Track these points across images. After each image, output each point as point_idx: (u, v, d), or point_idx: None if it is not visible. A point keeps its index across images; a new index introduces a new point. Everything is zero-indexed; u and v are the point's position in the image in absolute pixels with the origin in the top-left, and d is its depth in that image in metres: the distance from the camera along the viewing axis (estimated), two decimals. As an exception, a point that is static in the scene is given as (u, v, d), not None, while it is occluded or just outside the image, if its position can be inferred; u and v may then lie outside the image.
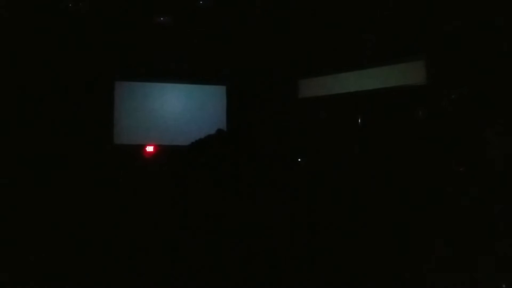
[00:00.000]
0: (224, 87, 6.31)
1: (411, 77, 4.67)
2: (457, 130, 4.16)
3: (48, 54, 5.31)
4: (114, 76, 5.90)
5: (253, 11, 5.39)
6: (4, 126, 4.92)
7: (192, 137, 4.30)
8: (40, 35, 5.21)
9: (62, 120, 5.34)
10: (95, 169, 5.14)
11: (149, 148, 5.89)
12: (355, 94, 5.19)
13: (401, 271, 2.95)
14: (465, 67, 4.14)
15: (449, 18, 4.27)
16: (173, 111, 6.13)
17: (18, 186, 4.51)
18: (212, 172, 3.65)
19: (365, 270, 3.00)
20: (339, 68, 5.39)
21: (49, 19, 5.16)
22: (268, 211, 3.49)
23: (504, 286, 2.60)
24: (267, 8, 5.36)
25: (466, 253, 2.98)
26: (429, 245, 3.20)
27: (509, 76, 3.83)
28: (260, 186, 3.66)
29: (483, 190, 3.59)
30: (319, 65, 5.60)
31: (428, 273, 2.89)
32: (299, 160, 5.46)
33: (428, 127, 4.49)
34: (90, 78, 5.60)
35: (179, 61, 6.04)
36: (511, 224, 3.19)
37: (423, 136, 4.49)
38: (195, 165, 3.83)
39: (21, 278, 2.92)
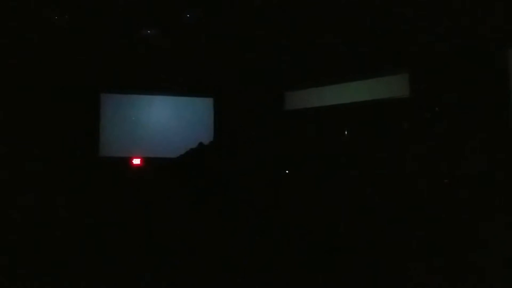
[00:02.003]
0: (211, 99, 6.32)
1: (395, 90, 4.76)
2: (440, 142, 4.24)
3: (34, 67, 5.27)
4: (99, 89, 5.87)
5: (240, 25, 5.43)
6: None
7: (179, 149, 4.29)
8: (25, 47, 5.16)
9: (47, 133, 5.28)
10: (80, 182, 5.08)
11: (136, 161, 5.85)
12: (341, 107, 5.26)
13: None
14: (448, 80, 4.24)
15: (433, 32, 4.38)
16: (160, 123, 6.11)
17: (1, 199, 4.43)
18: (194, 186, 3.65)
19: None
20: (324, 81, 5.46)
21: (34, 31, 5.12)
22: (253, 225, 3.49)
23: None
24: (254, 21, 5.41)
25: (453, 265, 3.02)
26: (414, 257, 3.24)
27: (493, 90, 3.93)
28: (246, 199, 3.66)
29: (467, 202, 3.65)
30: (305, 78, 5.66)
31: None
32: (286, 172, 5.48)
33: (411, 139, 4.56)
34: (76, 91, 5.56)
35: (166, 73, 6.03)
36: (495, 235, 3.25)
37: (407, 148, 4.55)
38: (177, 179, 3.82)
39: None
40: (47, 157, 5.13)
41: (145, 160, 5.85)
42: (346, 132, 5.27)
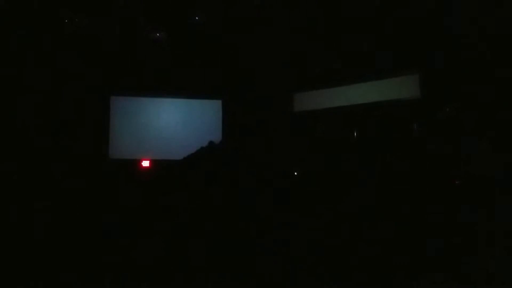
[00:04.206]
0: (220, 101, 6.33)
1: (406, 91, 4.72)
2: (452, 143, 4.20)
3: (44, 70, 5.32)
4: (109, 91, 5.91)
5: (248, 26, 5.44)
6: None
7: (188, 152, 4.29)
8: (36, 50, 5.21)
9: (58, 135, 5.32)
10: (90, 184, 5.11)
11: (145, 163, 5.87)
12: (350, 108, 5.23)
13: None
14: (459, 80, 4.20)
15: (443, 33, 4.35)
16: (169, 125, 6.13)
17: (12, 201, 4.47)
18: (204, 184, 3.64)
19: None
20: (333, 82, 5.44)
21: (45, 34, 5.17)
22: (263, 225, 3.48)
23: None
24: (262, 23, 5.42)
25: (460, 266, 2.98)
26: (423, 260, 3.20)
27: (503, 90, 3.88)
28: (255, 199, 3.66)
29: (477, 203, 3.61)
30: (314, 79, 5.65)
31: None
32: (295, 173, 5.46)
33: (422, 140, 4.52)
34: (86, 93, 5.60)
35: (175, 76, 6.06)
36: (506, 235, 3.20)
37: (418, 150, 4.51)
38: (187, 178, 3.82)
39: None
40: (57, 159, 5.17)
41: (154, 162, 5.86)
42: (355, 134, 5.23)
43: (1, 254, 3.41)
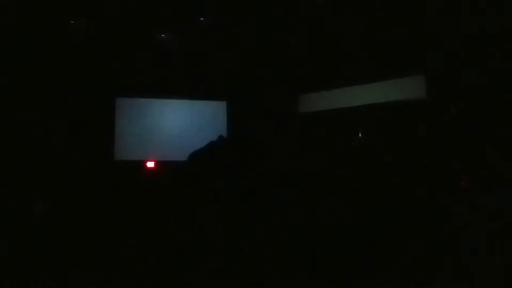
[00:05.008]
0: (224, 102, 6.33)
1: (412, 92, 4.71)
2: (458, 144, 4.18)
3: (49, 70, 5.35)
4: (115, 93, 5.93)
5: (253, 27, 5.44)
6: (2, 143, 4.93)
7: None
8: (40, 51, 5.24)
9: (63, 136, 5.34)
10: (96, 185, 5.13)
11: (150, 164, 5.89)
12: (356, 109, 5.22)
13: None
14: (465, 81, 4.18)
15: (449, 33, 4.33)
16: (173, 126, 6.15)
17: (17, 202, 4.49)
18: (214, 179, 3.62)
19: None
20: (339, 83, 5.43)
21: (50, 35, 5.20)
22: (269, 225, 3.47)
23: None
24: (267, 24, 5.42)
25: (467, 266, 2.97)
26: (430, 262, 3.18)
27: (509, 90, 3.86)
28: (261, 200, 3.65)
29: (485, 204, 3.58)
30: (319, 80, 5.64)
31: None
32: (300, 174, 5.45)
33: (429, 142, 4.50)
34: (91, 94, 5.62)
35: (180, 77, 6.07)
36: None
37: (424, 150, 4.49)
38: (197, 173, 3.81)
39: None
40: (62, 160, 5.19)
41: (159, 163, 5.88)
42: (360, 134, 5.23)
43: (2, 255, 3.43)
